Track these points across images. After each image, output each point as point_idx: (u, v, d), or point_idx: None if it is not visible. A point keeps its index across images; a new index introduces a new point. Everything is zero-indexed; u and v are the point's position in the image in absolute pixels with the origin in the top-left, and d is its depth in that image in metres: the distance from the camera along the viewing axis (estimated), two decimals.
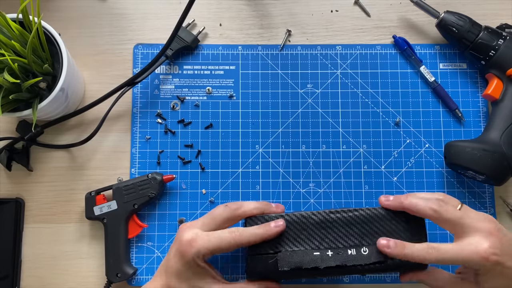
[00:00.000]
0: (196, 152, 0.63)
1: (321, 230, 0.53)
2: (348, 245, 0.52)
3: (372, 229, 0.53)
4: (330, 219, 0.53)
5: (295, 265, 0.51)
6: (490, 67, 0.61)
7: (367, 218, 0.53)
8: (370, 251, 0.51)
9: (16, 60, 0.52)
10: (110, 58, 0.66)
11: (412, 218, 0.53)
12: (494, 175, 0.57)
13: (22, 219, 0.62)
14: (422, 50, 0.66)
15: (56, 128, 0.64)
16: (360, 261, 0.51)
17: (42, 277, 0.61)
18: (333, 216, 0.53)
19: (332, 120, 0.64)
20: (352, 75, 0.65)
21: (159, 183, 0.60)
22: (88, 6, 0.67)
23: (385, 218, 0.53)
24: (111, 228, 0.59)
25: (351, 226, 0.53)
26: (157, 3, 0.67)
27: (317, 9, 0.67)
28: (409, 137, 0.64)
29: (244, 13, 0.67)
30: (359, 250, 0.52)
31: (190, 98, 0.65)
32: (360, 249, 0.52)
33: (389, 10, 0.67)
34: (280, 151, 0.64)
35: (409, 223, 0.53)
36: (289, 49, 0.66)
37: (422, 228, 0.53)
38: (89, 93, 0.65)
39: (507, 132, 0.58)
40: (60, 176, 0.63)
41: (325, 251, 0.52)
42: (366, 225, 0.53)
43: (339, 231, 0.53)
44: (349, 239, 0.53)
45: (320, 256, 0.51)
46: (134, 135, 0.64)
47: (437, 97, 0.65)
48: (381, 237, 0.52)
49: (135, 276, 0.61)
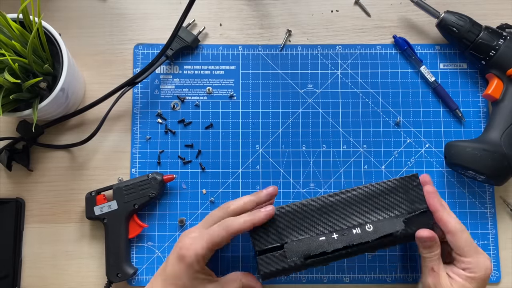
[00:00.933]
0: (197, 152, 0.63)
1: (323, 215, 0.53)
2: (352, 225, 0.53)
3: (373, 205, 0.53)
4: (330, 203, 0.53)
5: (303, 253, 0.51)
6: (490, 67, 0.61)
7: (365, 195, 0.54)
8: (374, 227, 0.52)
9: (17, 60, 0.52)
10: (110, 58, 0.66)
11: (410, 188, 0.54)
12: (494, 175, 0.57)
13: (22, 219, 0.62)
14: (423, 50, 0.66)
15: (57, 128, 0.64)
16: (366, 238, 0.52)
17: (43, 277, 0.61)
18: (332, 199, 0.54)
19: (332, 120, 0.64)
20: (352, 75, 0.65)
21: (159, 183, 0.60)
22: (89, 6, 0.67)
23: (383, 193, 0.54)
24: (111, 228, 0.59)
25: (352, 206, 0.53)
26: (157, 3, 0.67)
27: (317, 9, 0.67)
28: (410, 137, 0.64)
29: (245, 13, 0.67)
30: (364, 227, 0.52)
31: (190, 98, 0.65)
32: (365, 226, 0.52)
33: (389, 10, 0.67)
34: (281, 151, 0.64)
35: (407, 194, 0.53)
36: (290, 49, 0.66)
37: (420, 195, 0.54)
38: (89, 93, 0.65)
39: (508, 132, 0.58)
40: (60, 176, 0.63)
41: (331, 235, 0.52)
42: (366, 202, 0.53)
43: (340, 213, 0.53)
44: (352, 219, 0.53)
45: (326, 240, 0.52)
46: (135, 135, 0.64)
47: (438, 97, 0.65)
48: (383, 212, 0.53)
49: (136, 276, 0.61)
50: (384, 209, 0.53)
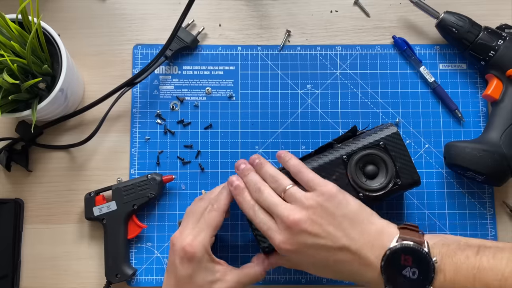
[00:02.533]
0: (196, 153, 0.63)
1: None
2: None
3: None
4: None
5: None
6: (489, 67, 0.61)
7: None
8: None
9: (16, 61, 0.52)
10: (109, 58, 0.66)
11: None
12: (494, 176, 0.57)
13: (21, 219, 0.62)
14: (422, 50, 0.66)
15: (56, 128, 0.64)
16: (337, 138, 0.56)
17: (42, 277, 0.61)
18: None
19: (331, 121, 0.64)
20: (351, 76, 0.65)
21: (158, 183, 0.60)
22: (88, 7, 0.67)
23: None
24: (110, 228, 0.59)
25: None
26: (156, 4, 0.67)
27: (316, 10, 0.67)
28: (409, 137, 0.64)
29: (244, 14, 0.67)
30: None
31: (189, 99, 0.65)
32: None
33: (388, 10, 0.67)
34: None
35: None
36: (289, 50, 0.66)
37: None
38: (88, 94, 0.65)
39: (507, 133, 0.58)
40: (59, 177, 0.63)
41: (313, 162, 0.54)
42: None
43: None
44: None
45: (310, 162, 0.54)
46: (134, 136, 0.64)
47: (437, 97, 0.65)
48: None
49: (135, 277, 0.61)
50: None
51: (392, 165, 0.54)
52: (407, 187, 0.54)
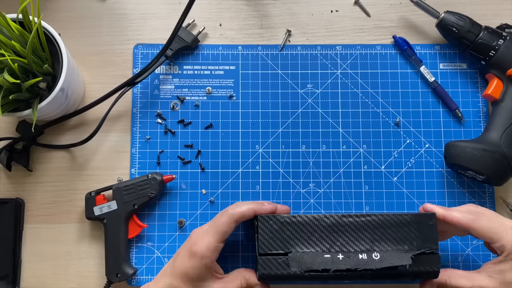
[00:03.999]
0: (196, 152, 0.63)
1: (332, 234, 0.53)
2: (360, 250, 0.52)
3: (384, 235, 0.52)
4: (342, 223, 0.53)
5: (306, 266, 0.51)
6: (490, 67, 0.61)
7: (379, 223, 0.53)
8: (381, 256, 0.51)
9: (16, 60, 0.52)
10: (110, 58, 0.66)
11: (425, 226, 0.52)
12: (494, 175, 0.57)
13: (22, 219, 0.62)
14: (422, 50, 0.66)
15: (56, 128, 0.64)
16: (371, 265, 0.51)
17: (42, 277, 0.61)
18: (345, 220, 0.53)
19: (332, 120, 0.64)
20: (352, 75, 0.65)
21: (159, 183, 0.60)
22: (88, 6, 0.67)
23: (397, 225, 0.53)
24: (111, 228, 0.59)
25: (363, 231, 0.53)
26: (157, 3, 0.67)
27: (317, 9, 0.67)
28: (409, 137, 0.64)
29: (244, 13, 0.67)
30: (370, 255, 0.51)
31: (190, 98, 0.65)
32: (372, 253, 0.51)
33: (389, 10, 0.67)
34: (280, 151, 0.64)
35: (421, 231, 0.52)
36: (289, 49, 0.66)
37: (434, 236, 0.52)
38: (89, 93, 0.65)
39: (507, 132, 0.58)
40: (60, 176, 0.63)
41: (336, 254, 0.51)
42: (378, 230, 0.53)
43: (350, 235, 0.52)
44: (360, 243, 0.52)
45: (331, 259, 0.51)
46: (134, 135, 0.64)
47: (437, 97, 0.65)
48: (393, 243, 0.52)
49: (135, 276, 0.61)
50: (395, 241, 0.52)
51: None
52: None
